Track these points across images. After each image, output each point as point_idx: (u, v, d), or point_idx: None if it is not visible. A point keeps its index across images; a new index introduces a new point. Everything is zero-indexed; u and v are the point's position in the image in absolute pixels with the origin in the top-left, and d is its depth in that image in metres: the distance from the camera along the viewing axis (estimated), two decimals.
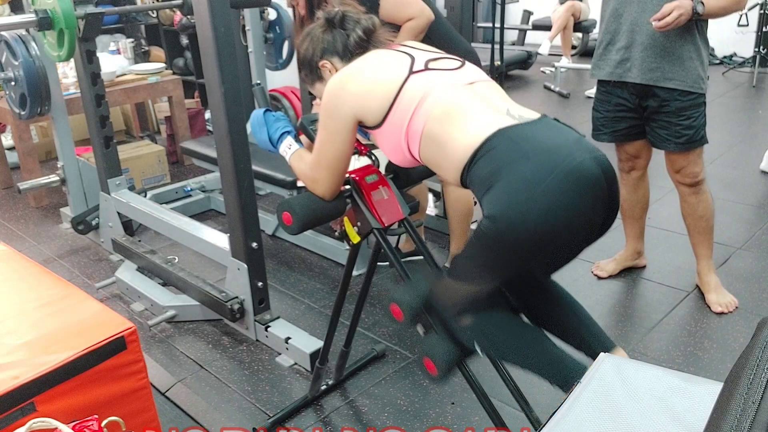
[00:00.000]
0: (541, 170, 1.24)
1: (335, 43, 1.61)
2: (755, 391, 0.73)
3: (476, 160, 1.33)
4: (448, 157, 1.39)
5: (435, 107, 1.40)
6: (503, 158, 1.29)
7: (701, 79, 2.34)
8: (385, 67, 1.51)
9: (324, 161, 1.58)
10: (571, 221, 1.27)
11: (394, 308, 1.54)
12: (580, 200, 1.27)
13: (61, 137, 3.33)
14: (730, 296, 2.60)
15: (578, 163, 1.26)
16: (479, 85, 1.47)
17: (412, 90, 1.44)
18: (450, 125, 1.38)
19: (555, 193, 1.24)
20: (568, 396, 1.20)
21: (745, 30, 6.08)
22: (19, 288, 1.76)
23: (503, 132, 1.32)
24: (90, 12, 2.69)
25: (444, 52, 1.58)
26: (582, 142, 1.34)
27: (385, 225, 1.70)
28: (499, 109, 1.40)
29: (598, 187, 1.29)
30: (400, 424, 2.05)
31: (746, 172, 3.96)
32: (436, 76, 1.46)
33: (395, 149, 1.51)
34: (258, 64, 3.85)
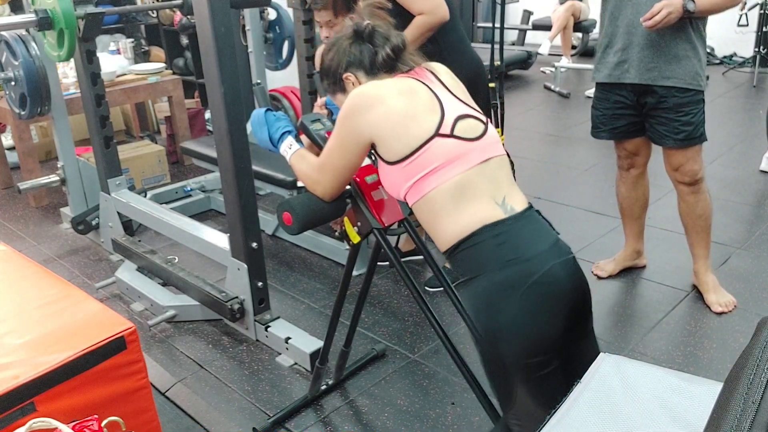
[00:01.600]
0: (516, 279, 1.37)
1: (362, 58, 1.57)
2: (755, 391, 0.73)
3: (461, 248, 1.42)
4: (437, 230, 1.47)
5: (445, 182, 1.42)
6: (485, 258, 1.40)
7: (699, 76, 2.36)
8: (414, 112, 1.46)
9: (330, 167, 1.57)
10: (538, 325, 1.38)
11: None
12: (547, 307, 1.39)
13: (61, 137, 3.33)
14: (729, 296, 2.61)
15: (548, 272, 1.38)
16: (491, 163, 1.47)
17: (432, 154, 1.43)
18: (450, 202, 1.43)
19: (524, 302, 1.37)
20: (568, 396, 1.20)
21: (745, 30, 6.08)
22: (19, 288, 1.76)
23: (489, 228, 1.40)
24: (90, 12, 2.69)
25: (471, 105, 1.54)
26: (556, 247, 1.43)
27: (385, 225, 1.70)
28: (496, 198, 1.44)
29: (564, 292, 1.41)
30: (400, 424, 2.05)
31: (746, 172, 3.96)
32: (458, 148, 1.44)
33: (393, 188, 1.52)
34: (258, 64, 3.85)
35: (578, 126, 5.08)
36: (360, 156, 1.54)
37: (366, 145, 1.50)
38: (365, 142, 1.49)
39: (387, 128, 1.45)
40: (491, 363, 1.46)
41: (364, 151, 1.52)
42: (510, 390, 1.45)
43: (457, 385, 2.19)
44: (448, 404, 2.13)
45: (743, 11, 5.92)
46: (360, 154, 1.53)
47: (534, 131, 5.03)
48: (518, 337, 1.37)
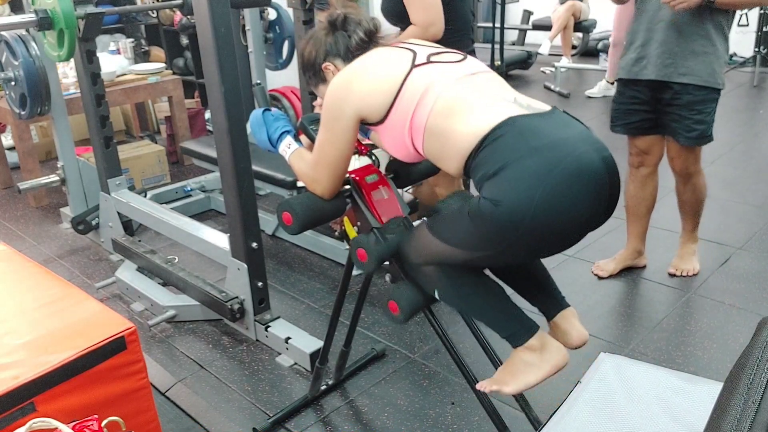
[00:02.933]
0: (546, 164, 1.27)
1: (337, 45, 1.62)
2: (755, 391, 0.73)
3: (484, 146, 1.34)
4: (453, 148, 1.40)
5: (438, 101, 1.41)
6: (510, 150, 1.31)
7: (716, 73, 2.38)
8: (387, 63, 1.51)
9: (324, 161, 1.58)
10: (573, 215, 1.31)
11: (360, 252, 1.60)
12: (582, 194, 1.30)
13: (61, 137, 3.33)
14: (692, 264, 2.78)
15: (581, 157, 1.30)
16: (482, 76, 1.48)
17: (414, 83, 1.44)
18: (453, 118, 1.40)
19: (559, 188, 1.27)
20: (568, 396, 1.20)
21: (745, 30, 6.07)
22: (19, 288, 1.76)
23: (513, 121, 1.34)
24: (90, 12, 2.69)
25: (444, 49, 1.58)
26: (586, 136, 1.36)
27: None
28: (505, 99, 1.42)
29: (600, 180, 1.32)
30: (400, 424, 2.05)
31: (746, 172, 3.95)
32: (439, 68, 1.47)
33: (399, 144, 1.52)
34: (258, 64, 3.85)
35: None
36: (350, 142, 1.55)
37: (354, 125, 1.52)
38: (353, 122, 1.51)
39: (366, 92, 1.48)
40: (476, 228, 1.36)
41: (353, 136, 1.54)
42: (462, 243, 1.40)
43: (457, 385, 2.19)
44: (448, 404, 2.13)
45: (743, 11, 5.92)
46: (349, 139, 1.54)
47: None
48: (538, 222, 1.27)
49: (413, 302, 1.58)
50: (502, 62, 3.14)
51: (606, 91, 5.71)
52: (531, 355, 1.42)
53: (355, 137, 1.56)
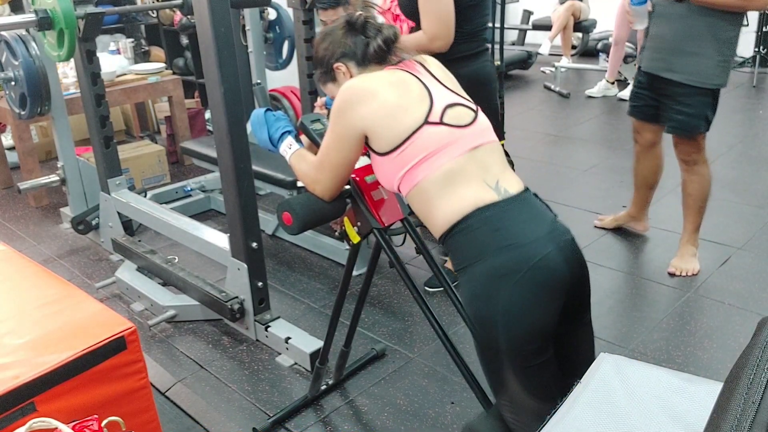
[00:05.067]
0: (512, 266, 1.35)
1: (355, 48, 1.59)
2: (755, 391, 0.73)
3: (453, 233, 1.42)
4: (431, 217, 1.46)
5: (437, 169, 1.43)
6: (480, 244, 1.39)
7: (703, 74, 2.50)
8: (404, 102, 1.47)
9: (328, 164, 1.58)
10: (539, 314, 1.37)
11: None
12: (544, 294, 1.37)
13: (61, 137, 3.33)
14: (692, 265, 2.82)
15: (545, 260, 1.36)
16: (482, 149, 1.48)
17: (422, 142, 1.44)
18: (441, 189, 1.43)
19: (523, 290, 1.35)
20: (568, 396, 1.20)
21: (745, 30, 6.04)
22: (20, 288, 1.76)
23: (482, 211, 1.40)
24: (90, 12, 2.69)
25: (460, 94, 1.55)
26: (553, 230, 1.41)
27: (385, 225, 1.70)
28: (488, 182, 1.44)
29: (563, 282, 1.39)
30: (400, 424, 2.05)
31: (747, 171, 3.95)
32: (448, 135, 1.45)
33: (386, 178, 1.53)
34: (258, 64, 3.85)
35: (578, 126, 5.08)
36: (356, 150, 1.54)
37: (360, 139, 1.51)
38: (359, 136, 1.50)
39: (378, 120, 1.46)
40: (486, 349, 1.44)
41: (359, 145, 1.53)
42: (503, 377, 1.44)
43: (457, 384, 2.19)
44: (447, 404, 2.13)
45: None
46: (355, 148, 1.53)
47: (534, 131, 5.03)
48: (514, 324, 1.36)
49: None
50: (502, 62, 3.14)
51: (606, 90, 5.71)
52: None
53: (361, 147, 1.54)
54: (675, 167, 3.12)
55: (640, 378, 1.20)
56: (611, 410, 1.13)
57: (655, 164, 2.99)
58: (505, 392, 1.46)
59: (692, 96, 2.53)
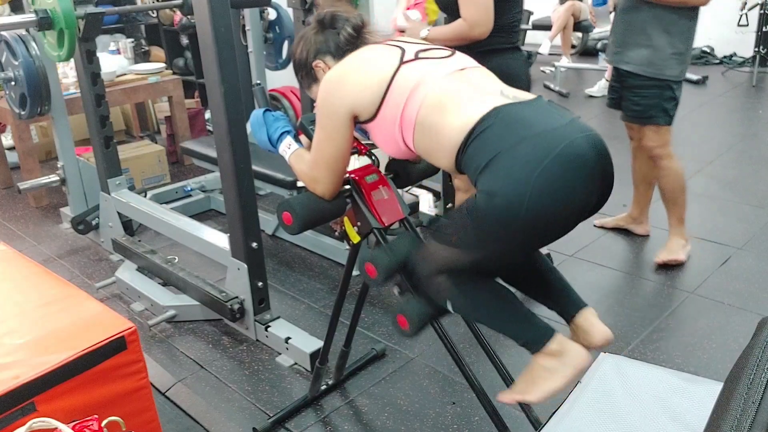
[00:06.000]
0: (538, 152, 1.27)
1: (327, 43, 1.63)
2: (755, 391, 0.73)
3: (471, 140, 1.34)
4: (442, 142, 1.40)
5: (427, 95, 1.42)
6: (499, 140, 1.31)
7: (654, 65, 2.63)
8: (376, 60, 1.53)
9: (323, 160, 1.58)
10: (567, 202, 1.30)
11: (368, 267, 1.58)
12: (575, 181, 1.29)
13: (61, 137, 3.33)
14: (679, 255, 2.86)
15: (573, 144, 1.29)
16: (470, 71, 1.49)
17: (403, 79, 1.45)
18: (443, 112, 1.40)
19: (552, 175, 1.26)
20: (568, 396, 1.20)
21: (745, 30, 6.07)
22: (19, 288, 1.76)
23: (498, 111, 1.34)
24: (90, 12, 2.69)
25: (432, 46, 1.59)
26: (575, 123, 1.35)
27: (385, 225, 1.70)
28: (491, 91, 1.42)
29: (592, 166, 1.31)
30: (400, 424, 2.05)
31: (746, 171, 3.95)
32: (427, 64, 1.48)
33: (389, 140, 1.52)
34: (258, 64, 3.85)
35: None
36: (347, 139, 1.55)
37: (348, 122, 1.52)
38: (347, 118, 1.52)
39: (357, 89, 1.49)
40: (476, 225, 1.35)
41: (349, 132, 1.54)
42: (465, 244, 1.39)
43: (458, 385, 2.19)
44: (448, 404, 2.13)
45: (743, 11, 5.92)
46: (346, 136, 1.55)
47: None
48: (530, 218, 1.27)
49: (422, 315, 1.55)
50: None
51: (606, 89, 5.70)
52: (551, 361, 1.37)
53: (352, 134, 1.57)
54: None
55: (640, 378, 1.20)
56: (611, 410, 1.13)
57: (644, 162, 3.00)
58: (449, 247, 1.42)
59: (646, 86, 2.67)
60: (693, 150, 4.23)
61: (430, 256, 1.50)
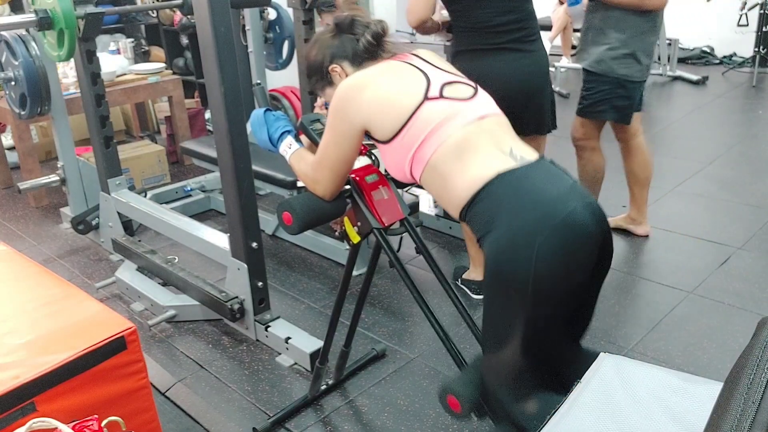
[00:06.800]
0: (539, 224, 1.31)
1: (345, 48, 1.60)
2: (755, 391, 0.73)
3: (476, 201, 1.38)
4: (448, 193, 1.44)
5: (445, 141, 1.42)
6: (502, 205, 1.35)
7: (603, 62, 2.72)
8: (401, 85, 1.49)
9: (327, 162, 1.58)
10: (570, 269, 1.34)
11: (451, 400, 1.52)
12: (576, 250, 1.34)
13: (61, 137, 3.33)
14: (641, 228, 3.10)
15: (572, 214, 1.32)
16: (489, 120, 1.48)
17: (425, 118, 1.43)
18: (456, 162, 1.41)
19: (554, 245, 1.30)
20: (568, 396, 1.20)
21: (745, 30, 6.07)
22: (19, 288, 1.76)
23: (503, 177, 1.37)
24: (90, 12, 2.69)
25: (458, 75, 1.56)
26: (575, 190, 1.39)
27: (386, 225, 1.70)
28: (503, 149, 1.43)
29: (591, 234, 1.35)
30: (400, 424, 2.05)
31: (746, 172, 3.95)
32: (450, 107, 1.45)
33: (397, 166, 1.52)
34: (258, 64, 3.85)
35: None
36: (354, 147, 1.54)
37: (359, 134, 1.51)
38: (358, 130, 1.50)
39: (376, 109, 1.47)
40: (498, 306, 1.40)
41: (358, 141, 1.53)
42: (506, 335, 1.40)
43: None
44: None
45: (743, 11, 5.92)
46: (354, 144, 1.54)
47: None
48: (541, 284, 1.30)
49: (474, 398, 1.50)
50: None
51: None
52: None
53: (360, 143, 1.55)
54: (675, 167, 3.13)
55: (640, 378, 1.20)
56: (611, 410, 1.13)
57: (640, 159, 3.01)
58: (500, 352, 1.43)
59: (596, 82, 2.76)
60: (693, 150, 4.23)
61: (494, 369, 1.48)
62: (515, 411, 1.46)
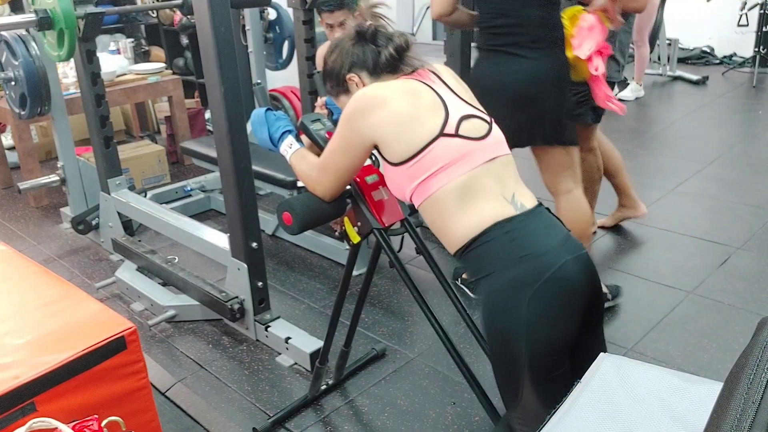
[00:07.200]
0: (528, 277, 1.35)
1: (365, 58, 1.56)
2: (755, 391, 0.73)
3: (472, 247, 1.41)
4: (446, 231, 1.46)
5: (452, 181, 1.42)
6: (497, 256, 1.39)
7: None
8: (418, 112, 1.46)
9: (332, 168, 1.57)
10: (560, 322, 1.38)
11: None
12: (564, 303, 1.38)
13: (61, 137, 3.33)
14: None
15: (562, 269, 1.36)
16: (497, 162, 1.48)
17: (437, 154, 1.43)
18: (458, 202, 1.42)
19: (543, 299, 1.35)
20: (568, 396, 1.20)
21: (745, 30, 6.07)
22: (20, 288, 1.76)
23: (501, 225, 1.40)
24: (90, 12, 2.69)
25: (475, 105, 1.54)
26: (567, 243, 1.42)
27: (386, 225, 1.70)
28: (505, 195, 1.44)
29: (579, 288, 1.39)
30: (400, 424, 2.05)
31: (746, 172, 3.95)
32: (464, 147, 1.44)
33: (398, 188, 1.52)
34: (258, 64, 3.85)
35: None
36: (362, 158, 1.54)
37: (369, 147, 1.50)
38: (368, 144, 1.49)
39: (390, 130, 1.44)
40: (501, 361, 1.45)
41: (366, 153, 1.52)
42: (518, 388, 1.44)
43: (457, 385, 2.19)
44: (448, 404, 2.13)
45: (743, 11, 5.92)
46: (362, 156, 1.53)
47: None
48: (533, 336, 1.35)
49: None
50: None
51: (638, 92, 5.60)
52: None
53: (367, 156, 1.54)
54: (675, 167, 3.13)
55: (640, 378, 1.20)
56: (611, 410, 1.13)
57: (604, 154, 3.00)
58: (519, 404, 1.46)
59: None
60: (693, 150, 4.23)
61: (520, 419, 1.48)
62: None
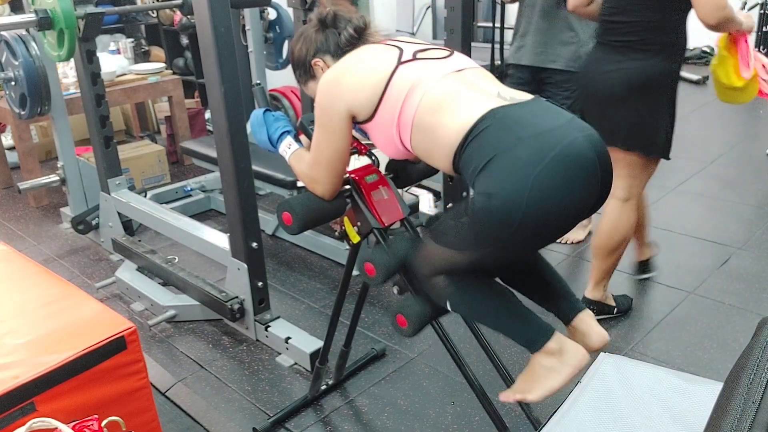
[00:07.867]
0: (536, 153, 1.26)
1: (327, 42, 1.63)
2: (755, 391, 0.73)
3: (468, 141, 1.33)
4: (439, 144, 1.40)
5: (424, 97, 1.42)
6: (497, 142, 1.30)
7: (580, 58, 2.64)
8: (373, 59, 1.53)
9: (322, 159, 1.58)
10: (566, 202, 1.29)
11: (368, 266, 1.58)
12: (575, 181, 1.29)
13: (61, 137, 3.33)
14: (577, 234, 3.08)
15: (571, 144, 1.28)
16: (468, 72, 1.49)
17: (401, 80, 1.45)
18: (440, 113, 1.40)
19: (552, 176, 1.26)
20: (568, 396, 1.20)
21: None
22: (20, 288, 1.76)
23: (495, 112, 1.33)
24: (90, 12, 2.69)
25: (433, 44, 1.59)
26: (574, 122, 1.35)
27: (385, 225, 1.70)
28: (489, 93, 1.41)
29: (591, 166, 1.30)
30: (400, 424, 2.05)
31: (746, 172, 3.95)
32: (425, 65, 1.48)
33: (388, 141, 1.52)
34: (258, 64, 3.85)
35: None
36: (345, 138, 1.55)
37: (346, 122, 1.53)
38: (345, 118, 1.52)
39: (355, 89, 1.49)
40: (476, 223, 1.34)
41: (347, 131, 1.54)
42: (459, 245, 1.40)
43: (458, 385, 2.19)
44: (448, 404, 2.13)
45: (743, 11, 5.92)
46: (344, 135, 1.55)
47: None
48: (542, 205, 1.26)
49: (421, 315, 1.55)
50: (502, 62, 3.15)
51: None
52: (550, 359, 1.38)
53: (350, 134, 1.57)
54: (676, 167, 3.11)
55: (640, 378, 1.20)
56: (611, 410, 1.13)
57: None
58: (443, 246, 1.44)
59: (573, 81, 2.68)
60: (693, 150, 4.23)
61: (428, 257, 1.50)
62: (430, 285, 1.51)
